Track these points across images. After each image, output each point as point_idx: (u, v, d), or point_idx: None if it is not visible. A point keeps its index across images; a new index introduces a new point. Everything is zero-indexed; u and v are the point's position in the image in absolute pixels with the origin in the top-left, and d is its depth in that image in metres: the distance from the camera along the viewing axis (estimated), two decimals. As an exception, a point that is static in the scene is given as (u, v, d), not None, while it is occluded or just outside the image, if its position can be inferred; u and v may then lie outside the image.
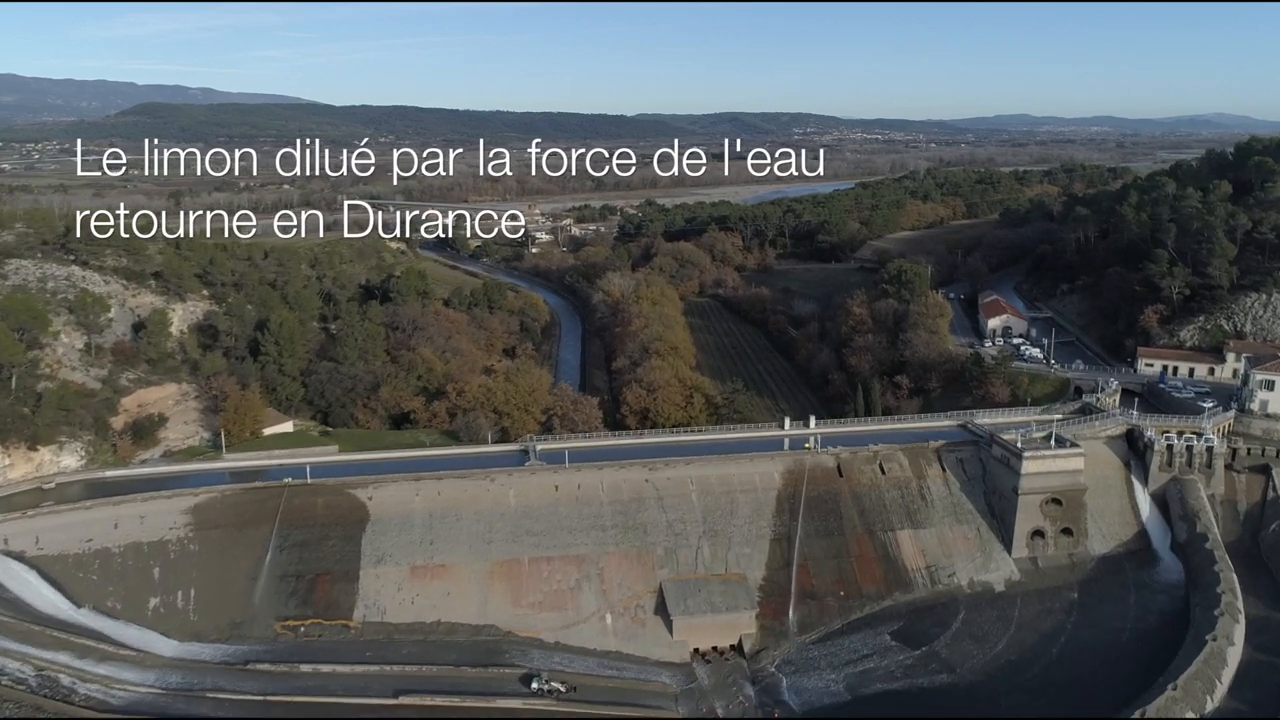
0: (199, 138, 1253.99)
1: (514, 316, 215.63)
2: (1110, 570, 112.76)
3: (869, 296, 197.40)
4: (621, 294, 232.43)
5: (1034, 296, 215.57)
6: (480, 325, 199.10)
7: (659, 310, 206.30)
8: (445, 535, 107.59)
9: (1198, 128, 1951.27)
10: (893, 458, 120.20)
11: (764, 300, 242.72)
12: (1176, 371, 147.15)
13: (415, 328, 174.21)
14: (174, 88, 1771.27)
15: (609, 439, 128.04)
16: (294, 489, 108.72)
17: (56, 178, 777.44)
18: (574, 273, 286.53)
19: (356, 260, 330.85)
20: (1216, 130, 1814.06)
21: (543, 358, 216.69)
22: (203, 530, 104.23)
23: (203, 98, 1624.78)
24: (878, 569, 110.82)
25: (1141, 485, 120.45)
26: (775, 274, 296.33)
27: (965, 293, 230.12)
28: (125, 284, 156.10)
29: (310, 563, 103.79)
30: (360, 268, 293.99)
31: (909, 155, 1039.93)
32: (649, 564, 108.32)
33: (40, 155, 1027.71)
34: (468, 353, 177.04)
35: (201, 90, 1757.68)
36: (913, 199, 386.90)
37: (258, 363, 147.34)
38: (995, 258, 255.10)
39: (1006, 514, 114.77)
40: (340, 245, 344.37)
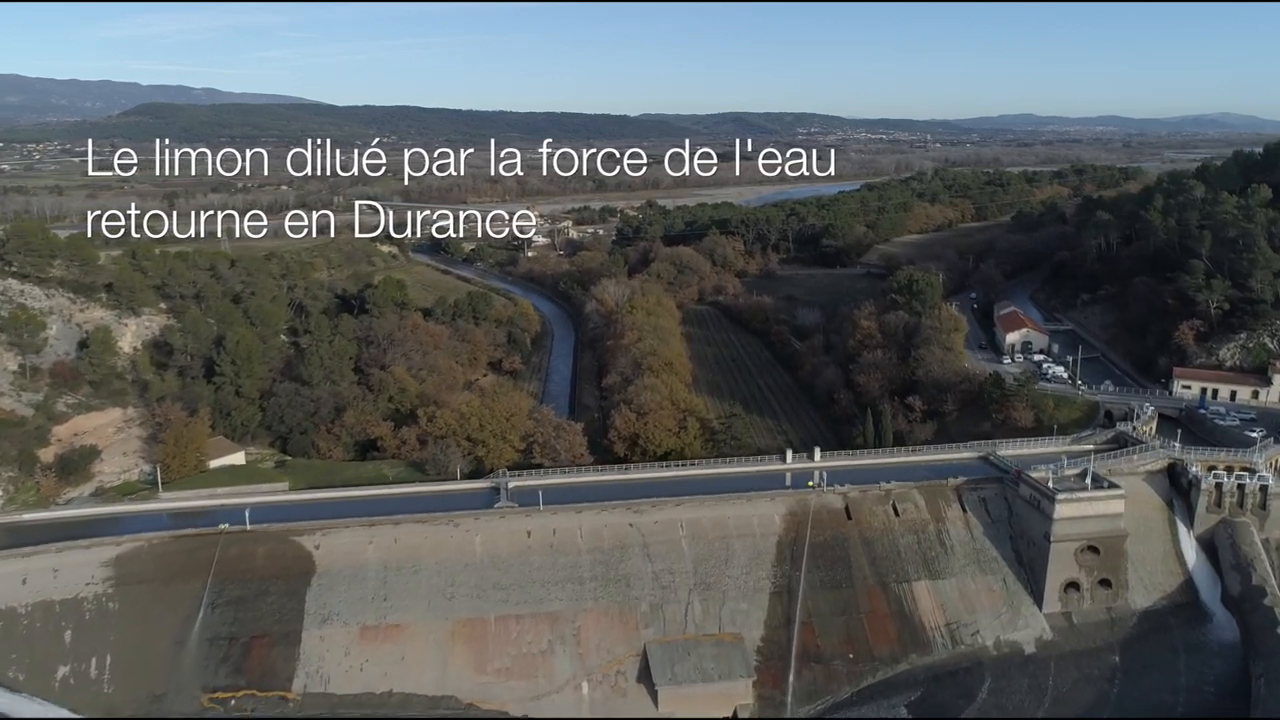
0: (201, 138, 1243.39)
1: (501, 328, 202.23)
2: (1154, 628, 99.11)
3: (877, 307, 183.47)
4: (615, 303, 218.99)
5: (1052, 307, 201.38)
6: (464, 338, 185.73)
7: (654, 321, 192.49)
8: (401, 590, 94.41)
9: (1204, 127, 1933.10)
10: (907, 497, 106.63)
11: (766, 309, 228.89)
12: (1216, 394, 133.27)
13: (390, 342, 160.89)
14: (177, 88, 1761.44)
15: (589, 475, 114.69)
16: (231, 536, 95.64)
17: (54, 178, 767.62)
18: (568, 279, 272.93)
19: (345, 265, 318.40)
20: (1223, 130, 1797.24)
21: (532, 371, 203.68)
22: (125, 586, 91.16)
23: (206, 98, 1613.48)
24: (891, 627, 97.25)
25: (1186, 528, 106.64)
26: (778, 280, 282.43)
27: (978, 301, 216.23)
28: (72, 297, 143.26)
29: (246, 623, 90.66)
30: (342, 274, 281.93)
31: (914, 155, 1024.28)
32: (632, 622, 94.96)
33: (41, 156, 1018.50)
34: (446, 370, 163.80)
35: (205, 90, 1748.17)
36: (920, 201, 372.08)
37: (212, 384, 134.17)
38: (1009, 264, 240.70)
39: (1036, 563, 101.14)
40: (328, 249, 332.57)
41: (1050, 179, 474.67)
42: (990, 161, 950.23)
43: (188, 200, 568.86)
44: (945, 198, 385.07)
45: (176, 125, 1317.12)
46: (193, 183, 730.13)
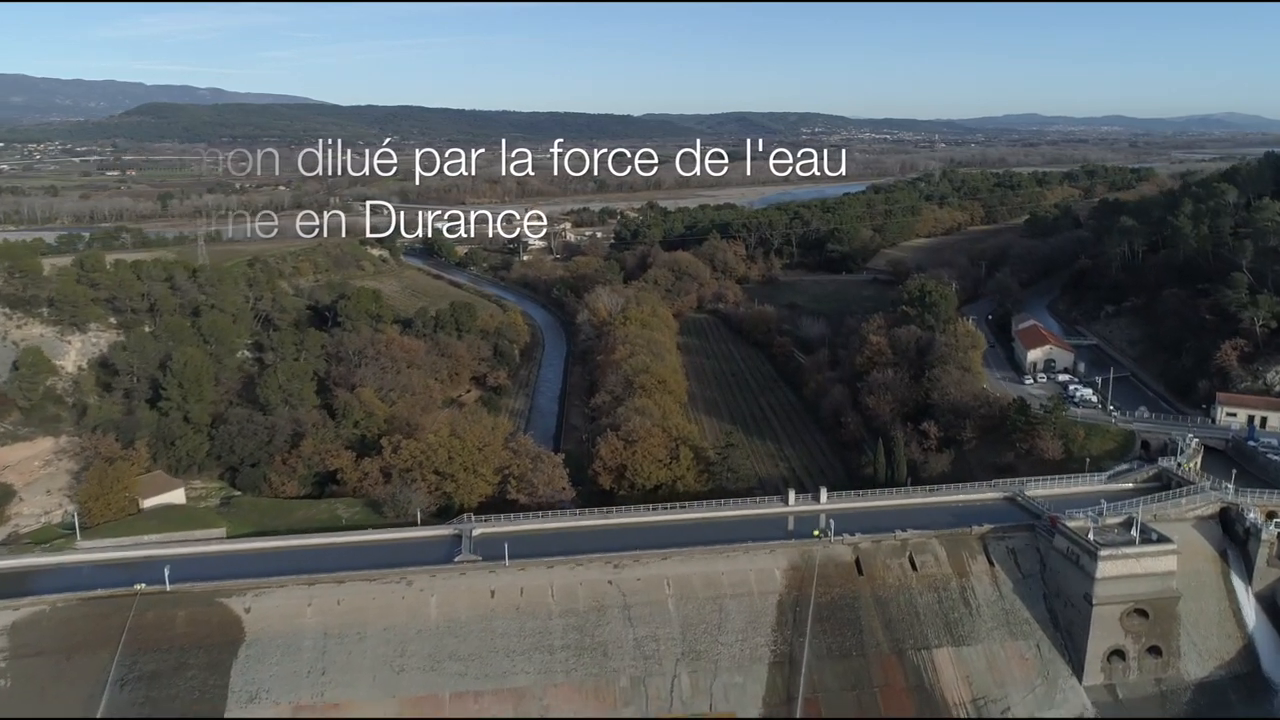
0: (202, 138, 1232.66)
1: (487, 340, 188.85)
2: (1212, 703, 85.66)
3: (887, 320, 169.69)
4: (609, 313, 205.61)
5: (1073, 319, 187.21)
6: (444, 352, 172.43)
7: (648, 334, 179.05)
8: (343, 661, 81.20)
9: (1209, 127, 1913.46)
10: (926, 548, 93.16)
11: (768, 319, 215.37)
12: (1265, 423, 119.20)
13: (361, 359, 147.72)
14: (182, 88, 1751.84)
15: (566, 519, 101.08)
16: (148, 598, 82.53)
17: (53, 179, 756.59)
18: (562, 285, 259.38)
19: (333, 269, 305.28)
20: (1229, 130, 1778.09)
21: (519, 386, 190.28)
22: (19, 659, 78.11)
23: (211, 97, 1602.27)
24: (909, 703, 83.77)
25: (1244, 584, 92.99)
26: (781, 287, 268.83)
27: (992, 311, 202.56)
28: (8, 313, 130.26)
29: (160, 703, 77.47)
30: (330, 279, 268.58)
31: (919, 155, 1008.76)
32: (609, 699, 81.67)
33: (42, 156, 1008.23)
34: (422, 389, 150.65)
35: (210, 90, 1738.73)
36: (928, 204, 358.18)
37: (157, 409, 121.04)
38: (1024, 271, 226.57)
39: (1075, 627, 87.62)
40: (316, 253, 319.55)
41: (1061, 180, 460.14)
42: (996, 162, 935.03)
43: (181, 201, 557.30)
44: (954, 200, 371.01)
45: (179, 125, 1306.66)
46: (191, 182, 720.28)
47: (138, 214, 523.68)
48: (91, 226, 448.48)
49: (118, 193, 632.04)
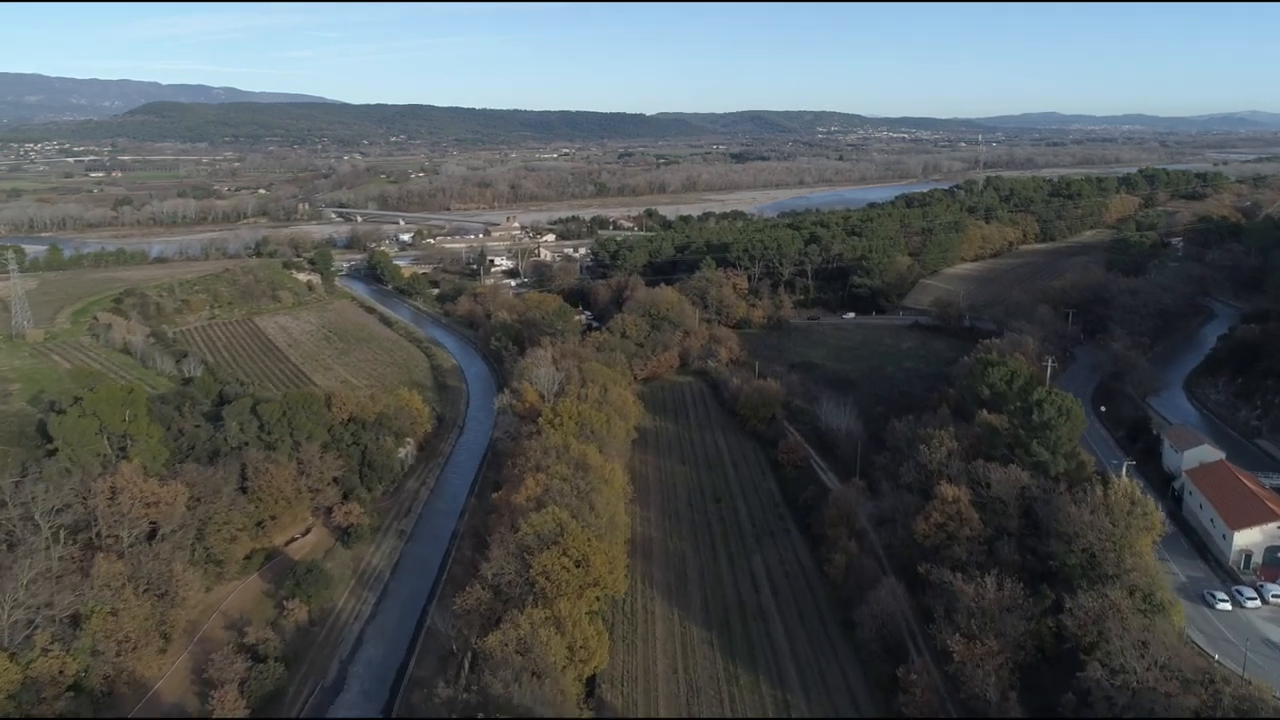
0: (205, 137, 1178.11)
1: (342, 451, 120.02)
2: None
3: (961, 444, 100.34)
4: (541, 396, 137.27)
5: (1243, 420, 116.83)
6: (259, 474, 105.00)
7: (581, 449, 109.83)
8: None
9: (1234, 125, 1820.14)
10: None
11: (772, 398, 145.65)
12: None
13: (78, 527, 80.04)
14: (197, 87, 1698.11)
15: None
16: None
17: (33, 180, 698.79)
18: (502, 334, 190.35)
19: (239, 301, 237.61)
20: (1254, 128, 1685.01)
21: (397, 511, 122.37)
22: None
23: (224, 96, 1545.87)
24: None
25: None
26: (792, 334, 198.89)
27: (1095, 393, 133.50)
28: None
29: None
30: (214, 317, 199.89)
31: (941, 156, 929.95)
32: None
33: (37, 156, 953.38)
34: (182, 580, 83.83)
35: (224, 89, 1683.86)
36: (972, 217, 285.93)
37: None
38: (1137, 328, 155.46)
39: None
40: (219, 282, 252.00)
41: (1118, 187, 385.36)
42: (1025, 162, 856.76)
43: (137, 209, 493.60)
44: (1002, 213, 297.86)
45: (181, 125, 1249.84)
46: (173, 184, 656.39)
47: (84, 222, 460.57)
48: (20, 237, 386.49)
49: (89, 196, 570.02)
